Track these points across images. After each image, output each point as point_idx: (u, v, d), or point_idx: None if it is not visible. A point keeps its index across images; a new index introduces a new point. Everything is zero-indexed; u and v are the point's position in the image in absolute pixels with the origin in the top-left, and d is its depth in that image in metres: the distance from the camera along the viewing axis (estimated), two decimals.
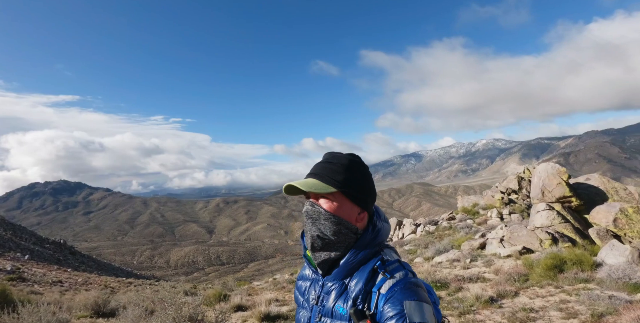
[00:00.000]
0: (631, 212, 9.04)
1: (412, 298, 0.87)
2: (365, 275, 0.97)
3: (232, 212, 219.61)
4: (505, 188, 20.24)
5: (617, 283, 4.67)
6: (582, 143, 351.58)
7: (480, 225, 16.05)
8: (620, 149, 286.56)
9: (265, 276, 74.03)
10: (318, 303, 1.04)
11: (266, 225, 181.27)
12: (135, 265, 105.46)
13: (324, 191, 0.98)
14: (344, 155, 1.08)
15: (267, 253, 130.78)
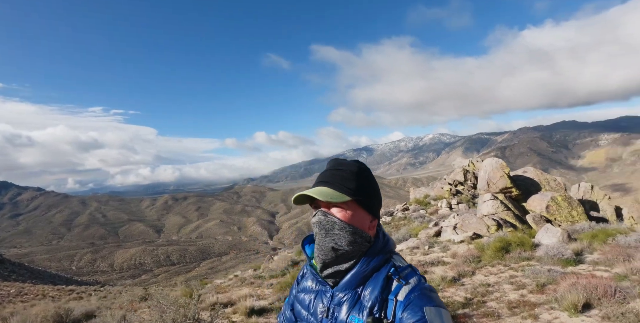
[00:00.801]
0: (560, 200, 10.48)
1: (431, 304, 0.88)
2: (380, 283, 0.96)
3: (182, 209, 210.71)
4: (452, 180, 21.89)
5: (553, 259, 5.56)
6: (517, 138, 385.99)
7: (432, 215, 17.29)
8: (548, 144, 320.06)
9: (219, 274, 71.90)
10: (328, 316, 1.00)
11: (218, 222, 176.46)
12: (75, 271, 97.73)
13: (340, 200, 0.96)
14: (351, 162, 1.06)
15: (221, 251, 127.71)
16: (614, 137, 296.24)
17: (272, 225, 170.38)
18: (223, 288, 9.68)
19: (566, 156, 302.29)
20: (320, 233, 0.99)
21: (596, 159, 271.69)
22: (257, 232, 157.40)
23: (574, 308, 3.12)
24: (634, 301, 3.14)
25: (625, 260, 4.85)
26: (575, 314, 3.07)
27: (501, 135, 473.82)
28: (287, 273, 9.77)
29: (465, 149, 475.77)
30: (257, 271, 12.74)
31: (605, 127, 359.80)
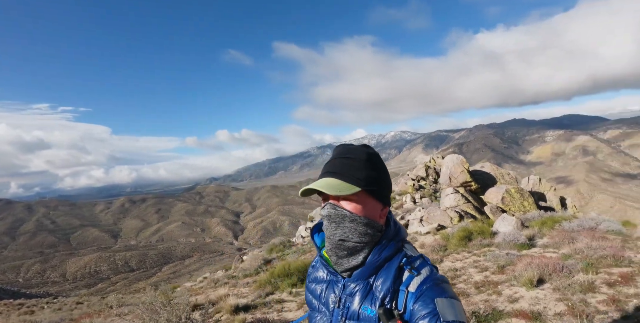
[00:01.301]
0: (513, 192, 11.45)
1: (443, 296, 0.87)
2: (392, 273, 0.94)
3: (141, 212, 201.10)
4: (415, 175, 22.88)
5: (510, 245, 6.20)
6: (472, 135, 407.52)
7: (397, 209, 18.02)
8: (501, 140, 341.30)
9: (183, 278, 69.91)
10: (340, 306, 0.99)
11: (180, 224, 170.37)
12: (22, 283, 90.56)
13: (349, 192, 0.91)
14: (359, 148, 1.01)
15: (183, 254, 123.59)
16: (558, 133, 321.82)
17: (237, 225, 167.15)
18: (196, 290, 9.64)
19: (517, 151, 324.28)
20: (331, 226, 0.96)
21: (543, 154, 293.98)
22: (222, 233, 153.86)
23: (530, 283, 3.62)
24: (577, 275, 3.70)
25: (569, 242, 5.54)
26: (531, 288, 3.57)
27: (458, 132, 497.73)
28: (262, 272, 9.91)
29: (425, 145, 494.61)
30: (229, 272, 12.73)
31: (550, 124, 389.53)
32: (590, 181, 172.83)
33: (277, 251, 14.42)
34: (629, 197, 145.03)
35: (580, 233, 6.17)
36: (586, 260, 4.13)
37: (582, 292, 3.12)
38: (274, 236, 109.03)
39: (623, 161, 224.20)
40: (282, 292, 6.21)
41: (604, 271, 3.65)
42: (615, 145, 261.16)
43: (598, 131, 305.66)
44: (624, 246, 4.91)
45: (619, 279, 3.32)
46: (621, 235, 5.97)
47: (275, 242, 17.97)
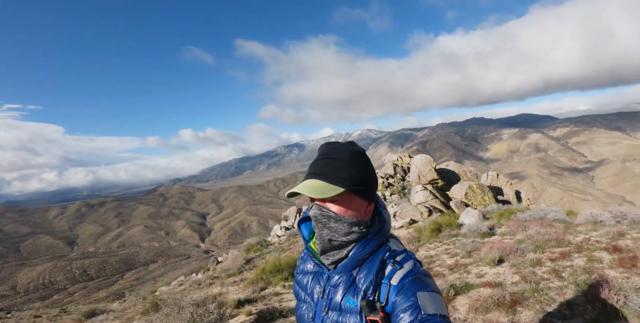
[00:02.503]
0: (475, 188, 12.65)
1: (425, 290, 0.88)
2: (376, 266, 0.96)
3: (99, 217, 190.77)
4: (384, 173, 23.97)
5: (474, 234, 7.13)
6: (435, 133, 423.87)
7: None
8: (462, 138, 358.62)
9: (147, 284, 67.28)
10: (324, 296, 1.02)
11: (143, 228, 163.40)
12: None
13: (333, 193, 0.93)
14: (343, 146, 1.02)
15: (147, 259, 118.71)
16: (513, 132, 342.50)
17: (204, 226, 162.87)
18: (180, 292, 9.81)
19: (476, 148, 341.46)
20: (318, 227, 0.99)
21: (499, 151, 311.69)
22: (187, 235, 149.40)
23: (492, 263, 4.45)
24: (528, 254, 4.58)
25: (523, 230, 6.52)
26: (494, 266, 4.39)
27: (422, 131, 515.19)
28: (245, 271, 10.33)
29: (390, 143, 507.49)
30: (209, 273, 12.93)
31: (506, 123, 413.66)
32: (542, 175, 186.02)
33: (255, 250, 14.80)
34: (576, 190, 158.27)
35: (532, 222, 7.21)
36: (535, 243, 5.05)
37: (532, 266, 3.97)
38: (242, 237, 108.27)
39: (570, 156, 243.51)
40: (274, 286, 6.70)
41: (548, 251, 4.56)
42: (563, 142, 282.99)
43: (549, 129, 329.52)
44: (566, 231, 5.93)
45: (559, 256, 4.21)
46: (564, 223, 7.07)
47: (251, 242, 18.28)
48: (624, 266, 3.31)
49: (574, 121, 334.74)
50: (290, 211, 23.91)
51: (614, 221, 6.36)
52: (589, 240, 5.01)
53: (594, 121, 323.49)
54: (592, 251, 4.19)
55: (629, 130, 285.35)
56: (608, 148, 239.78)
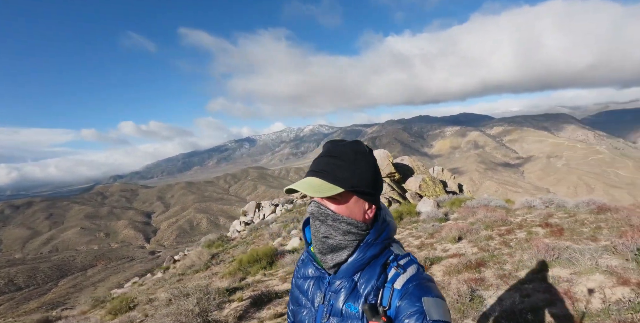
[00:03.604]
0: (428, 180, 13.86)
1: (430, 295, 0.87)
2: (377, 271, 0.95)
3: (26, 219, 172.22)
4: None
5: (432, 219, 8.06)
6: (384, 130, 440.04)
7: None
8: (409, 135, 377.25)
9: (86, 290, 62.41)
10: (324, 302, 1.00)
11: (79, 229, 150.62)
12: None
13: (331, 193, 0.91)
14: (348, 145, 0.99)
15: (85, 263, 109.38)
16: (455, 129, 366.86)
17: (149, 226, 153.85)
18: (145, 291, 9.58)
19: (422, 145, 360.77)
20: (315, 224, 0.98)
21: (443, 147, 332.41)
22: (131, 236, 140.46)
23: (453, 240, 5.27)
24: (481, 232, 5.48)
25: (473, 215, 7.54)
26: (455, 243, 5.21)
27: (371, 127, 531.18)
28: (212, 265, 10.48)
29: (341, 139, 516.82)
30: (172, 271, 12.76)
31: (449, 121, 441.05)
32: (479, 170, 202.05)
33: (217, 246, 14.86)
34: (508, 182, 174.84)
35: (479, 208, 8.31)
36: (485, 224, 5.99)
37: (486, 240, 4.83)
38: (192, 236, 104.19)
39: (504, 153, 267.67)
40: (254, 275, 7.03)
41: (496, 229, 5.49)
42: (498, 140, 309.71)
43: (486, 128, 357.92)
44: (507, 214, 7.01)
45: (505, 232, 5.14)
46: (505, 208, 8.25)
47: (211, 238, 18.20)
48: (554, 235, 4.26)
49: (508, 121, 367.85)
50: (249, 206, 23.99)
51: (544, 206, 7.60)
52: (526, 220, 6.06)
53: (525, 121, 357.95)
54: (530, 227, 5.16)
55: (553, 130, 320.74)
56: (536, 146, 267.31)
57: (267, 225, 17.29)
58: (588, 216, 5.17)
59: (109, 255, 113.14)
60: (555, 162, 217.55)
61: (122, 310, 7.11)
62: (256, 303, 4.61)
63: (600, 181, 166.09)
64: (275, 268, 7.18)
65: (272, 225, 16.35)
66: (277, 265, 7.32)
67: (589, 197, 6.87)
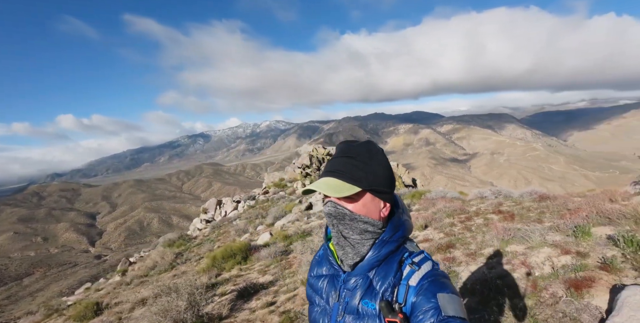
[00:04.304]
0: None
1: (445, 291, 0.88)
2: (393, 268, 0.96)
3: None
4: (301, 164, 25.28)
5: None
6: (341, 126, 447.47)
7: (291, 195, 19.90)
8: (364, 131, 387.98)
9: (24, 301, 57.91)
10: (339, 300, 1.01)
11: (12, 234, 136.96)
12: None
13: (349, 192, 0.93)
14: (362, 145, 1.01)
15: (20, 272, 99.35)
16: (408, 127, 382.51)
17: (93, 228, 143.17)
18: (107, 296, 9.21)
19: (377, 141, 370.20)
20: (332, 223, 1.00)
21: (397, 144, 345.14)
22: (73, 240, 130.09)
23: (421, 228, 5.82)
24: (444, 220, 6.08)
25: (433, 206, 8.22)
26: (422, 230, 5.75)
27: (328, 123, 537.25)
28: (178, 265, 10.34)
29: (299, 135, 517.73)
30: (130, 273, 12.28)
31: (402, 119, 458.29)
32: (430, 165, 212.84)
33: (178, 245, 14.57)
34: (457, 177, 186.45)
35: (437, 200, 9.05)
36: (446, 213, 6.63)
37: (449, 227, 5.41)
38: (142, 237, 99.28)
39: (453, 149, 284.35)
40: (229, 271, 7.11)
41: (457, 217, 6.12)
42: (448, 137, 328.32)
43: (437, 125, 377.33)
44: (464, 205, 7.75)
45: (465, 219, 5.78)
46: (460, 200, 9.06)
47: (171, 238, 17.73)
48: (507, 220, 4.93)
49: (457, 119, 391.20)
50: (210, 203, 23.60)
51: (494, 197, 8.48)
52: (481, 209, 6.79)
53: (471, 120, 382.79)
54: (485, 215, 5.84)
55: (496, 128, 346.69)
56: (481, 143, 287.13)
57: (230, 222, 17.17)
58: (532, 204, 5.96)
59: (48, 262, 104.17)
60: (498, 158, 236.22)
61: (87, 316, 6.85)
62: (242, 296, 4.78)
63: (536, 175, 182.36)
64: (251, 262, 7.33)
65: (236, 221, 16.28)
66: (251, 259, 7.47)
67: (531, 188, 7.83)
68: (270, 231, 10.57)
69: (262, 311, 4.00)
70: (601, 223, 3.76)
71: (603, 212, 3.83)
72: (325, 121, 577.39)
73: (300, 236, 8.64)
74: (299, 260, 5.56)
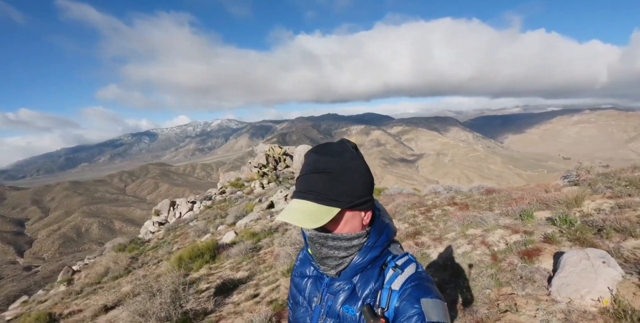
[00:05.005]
0: None
1: (428, 296, 0.85)
2: (375, 273, 0.93)
3: None
4: (257, 163, 25.20)
5: None
6: (294, 126, 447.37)
7: (249, 194, 19.82)
8: (318, 132, 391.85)
9: None
10: (321, 303, 0.99)
11: None
12: None
13: (328, 218, 0.84)
14: (334, 153, 0.88)
15: None
16: (360, 128, 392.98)
17: (21, 236, 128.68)
18: (58, 306, 8.67)
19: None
20: (315, 247, 0.94)
21: None
22: None
23: None
24: (406, 212, 6.62)
25: (393, 200, 8.81)
26: None
27: (281, 123, 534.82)
28: (135, 269, 9.98)
29: (251, 135, 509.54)
30: (79, 282, 11.61)
31: (355, 120, 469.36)
32: (381, 165, 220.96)
33: (131, 249, 13.99)
34: (406, 176, 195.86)
35: (396, 195, 9.69)
36: (407, 206, 7.20)
37: (412, 218, 5.94)
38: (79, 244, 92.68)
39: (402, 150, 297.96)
40: (198, 271, 7.05)
41: (417, 209, 6.69)
42: (397, 138, 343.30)
43: (387, 127, 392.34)
44: (420, 199, 8.42)
45: (425, 210, 6.37)
46: (417, 195, 9.79)
47: (121, 242, 16.95)
48: (463, 210, 5.56)
49: (406, 121, 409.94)
50: (163, 205, 22.75)
51: (446, 192, 9.29)
52: (436, 202, 7.46)
53: (419, 122, 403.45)
54: (442, 206, 6.47)
55: (442, 131, 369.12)
56: (428, 144, 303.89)
57: (186, 223, 16.73)
58: (481, 197, 6.71)
59: None
60: (443, 158, 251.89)
61: None
62: (222, 291, 4.87)
63: (476, 174, 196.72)
64: (220, 261, 7.34)
65: (194, 222, 15.92)
66: (220, 258, 7.48)
67: (478, 183, 8.72)
68: (235, 230, 10.57)
69: (247, 303, 4.16)
70: (540, 208, 4.56)
71: (541, 200, 4.61)
72: (278, 120, 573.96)
73: (268, 233, 8.82)
74: (277, 252, 5.75)
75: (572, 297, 2.47)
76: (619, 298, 2.30)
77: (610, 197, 4.38)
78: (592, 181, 5.50)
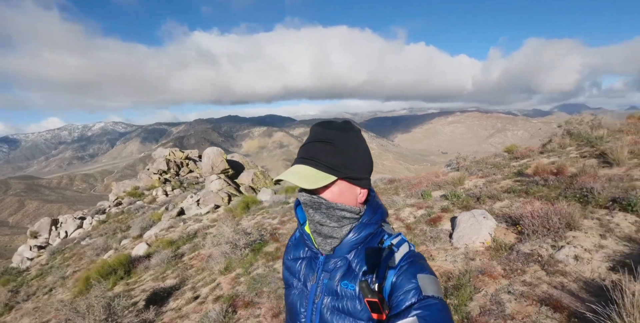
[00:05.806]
0: (259, 174, 15.33)
1: (424, 272, 0.88)
2: (372, 250, 0.95)
3: None
4: (157, 169, 23.50)
5: (277, 204, 9.47)
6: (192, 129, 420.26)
7: (151, 203, 18.40)
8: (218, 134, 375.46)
9: None
10: (318, 282, 0.99)
11: None
12: None
13: (325, 182, 0.87)
14: (338, 127, 0.94)
15: None
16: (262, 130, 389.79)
17: None
18: None
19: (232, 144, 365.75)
20: (308, 212, 0.96)
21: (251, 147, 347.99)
22: None
23: None
24: None
25: None
26: None
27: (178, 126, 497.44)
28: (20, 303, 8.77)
29: (143, 139, 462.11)
30: None
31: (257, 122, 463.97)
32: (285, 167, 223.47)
33: (5, 283, 11.87)
34: None
35: None
36: None
37: None
38: None
39: None
40: (112, 289, 6.42)
41: None
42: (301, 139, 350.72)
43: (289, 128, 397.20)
44: None
45: None
46: None
47: None
48: None
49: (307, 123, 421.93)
50: (41, 225, 19.69)
51: None
52: None
53: None
54: None
55: None
56: None
57: (77, 242, 14.74)
58: (386, 186, 7.72)
59: None
60: None
61: None
62: (154, 302, 4.63)
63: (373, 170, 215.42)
64: (137, 275, 6.86)
65: (87, 240, 14.16)
66: (136, 272, 6.99)
67: (381, 175, 9.89)
68: (145, 241, 9.84)
69: (190, 305, 4.12)
70: (435, 189, 5.70)
71: (435, 183, 5.75)
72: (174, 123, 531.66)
73: (187, 239, 8.52)
74: (209, 253, 5.70)
75: (467, 243, 3.63)
76: (496, 238, 3.57)
77: (481, 177, 5.78)
78: (468, 167, 6.93)
